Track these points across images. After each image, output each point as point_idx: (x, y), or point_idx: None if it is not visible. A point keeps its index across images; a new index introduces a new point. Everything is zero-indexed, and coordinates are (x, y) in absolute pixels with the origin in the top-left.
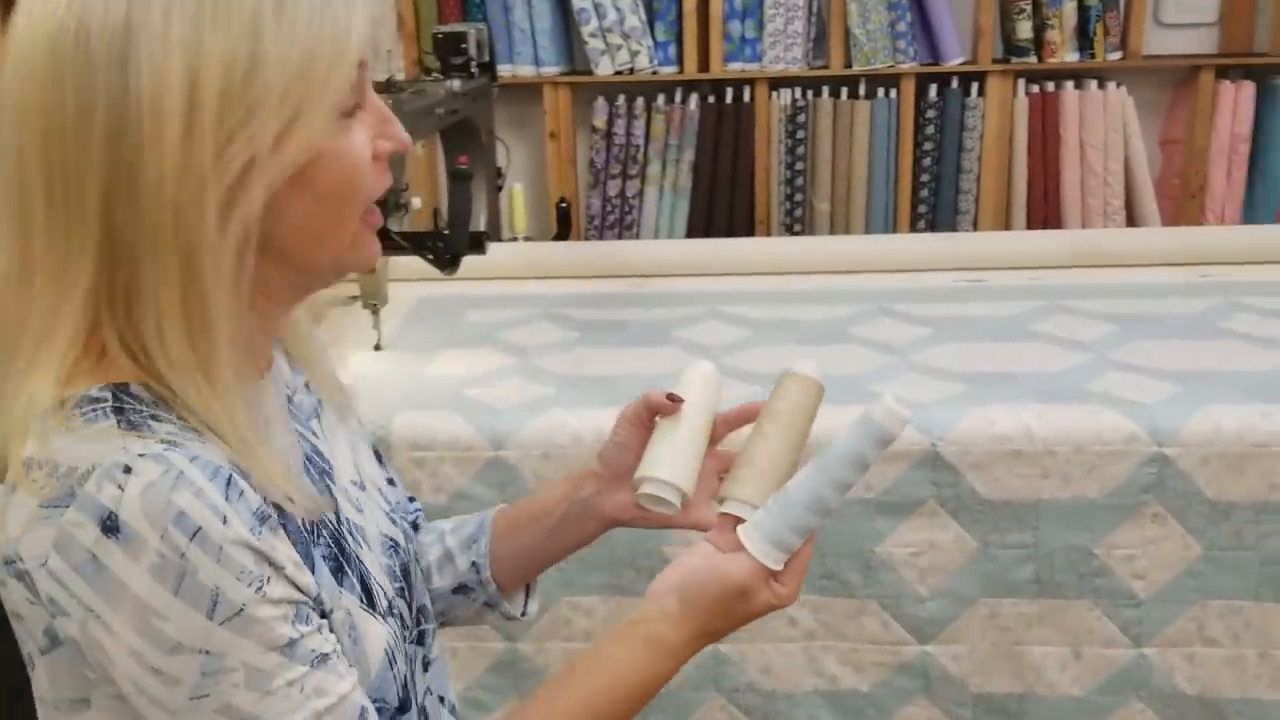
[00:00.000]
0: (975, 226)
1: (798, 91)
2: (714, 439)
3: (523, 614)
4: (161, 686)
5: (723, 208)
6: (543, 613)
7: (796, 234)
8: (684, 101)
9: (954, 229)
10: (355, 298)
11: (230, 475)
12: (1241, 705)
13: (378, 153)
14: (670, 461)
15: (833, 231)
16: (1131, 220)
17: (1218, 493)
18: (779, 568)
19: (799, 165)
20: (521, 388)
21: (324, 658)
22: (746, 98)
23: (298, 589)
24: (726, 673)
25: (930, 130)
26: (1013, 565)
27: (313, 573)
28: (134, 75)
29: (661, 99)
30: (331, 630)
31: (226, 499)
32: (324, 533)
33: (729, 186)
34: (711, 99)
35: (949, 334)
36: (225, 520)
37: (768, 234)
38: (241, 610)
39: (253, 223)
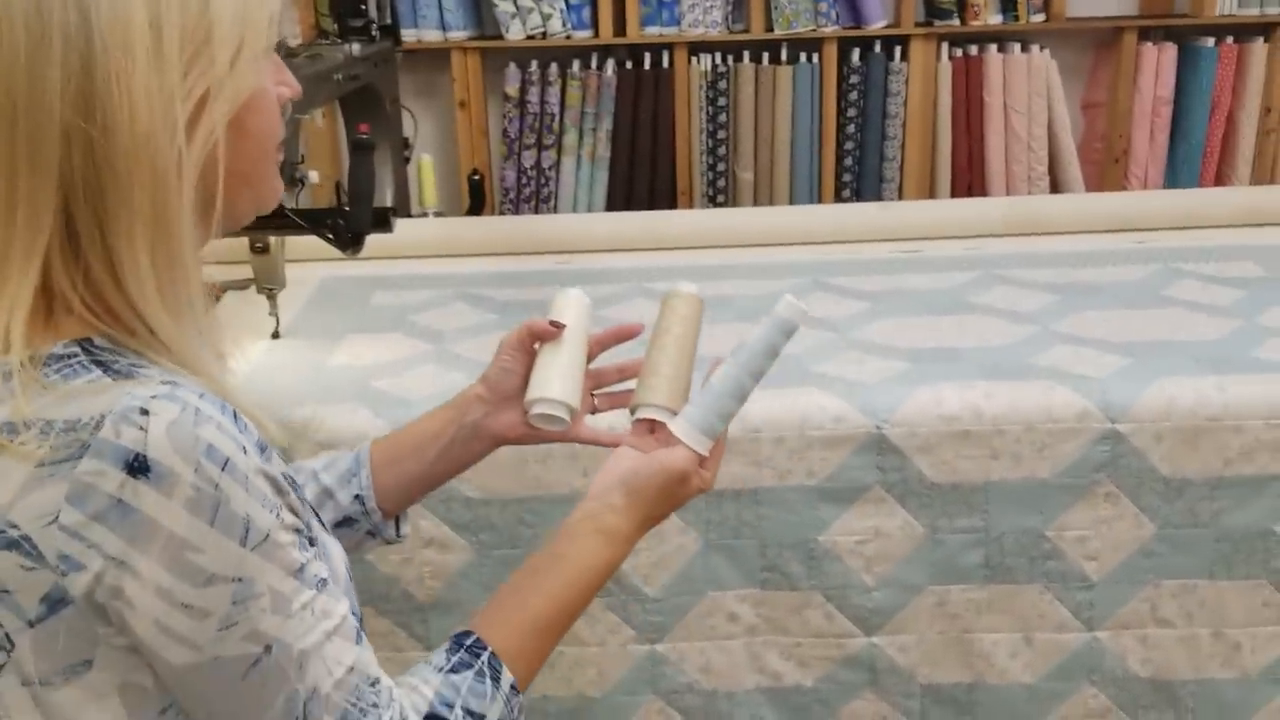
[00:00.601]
0: (900, 194)
1: (718, 57)
2: (587, 359)
3: (399, 536)
4: (190, 621)
5: (643, 178)
6: (466, 619)
7: (720, 204)
8: (600, 67)
9: (879, 197)
10: (250, 281)
11: (233, 409)
12: (1195, 686)
13: (281, 98)
14: (558, 382)
15: (756, 201)
16: (1055, 185)
17: (1172, 469)
18: (707, 453)
19: (721, 133)
20: (435, 376)
21: (324, 581)
22: (665, 63)
23: (296, 515)
24: (664, 674)
25: (854, 96)
26: (962, 551)
27: None
28: (94, 10)
29: (576, 65)
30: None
31: (238, 430)
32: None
33: (649, 156)
34: (629, 64)
35: (888, 308)
36: (245, 450)
37: (690, 205)
38: (268, 536)
39: (211, 155)
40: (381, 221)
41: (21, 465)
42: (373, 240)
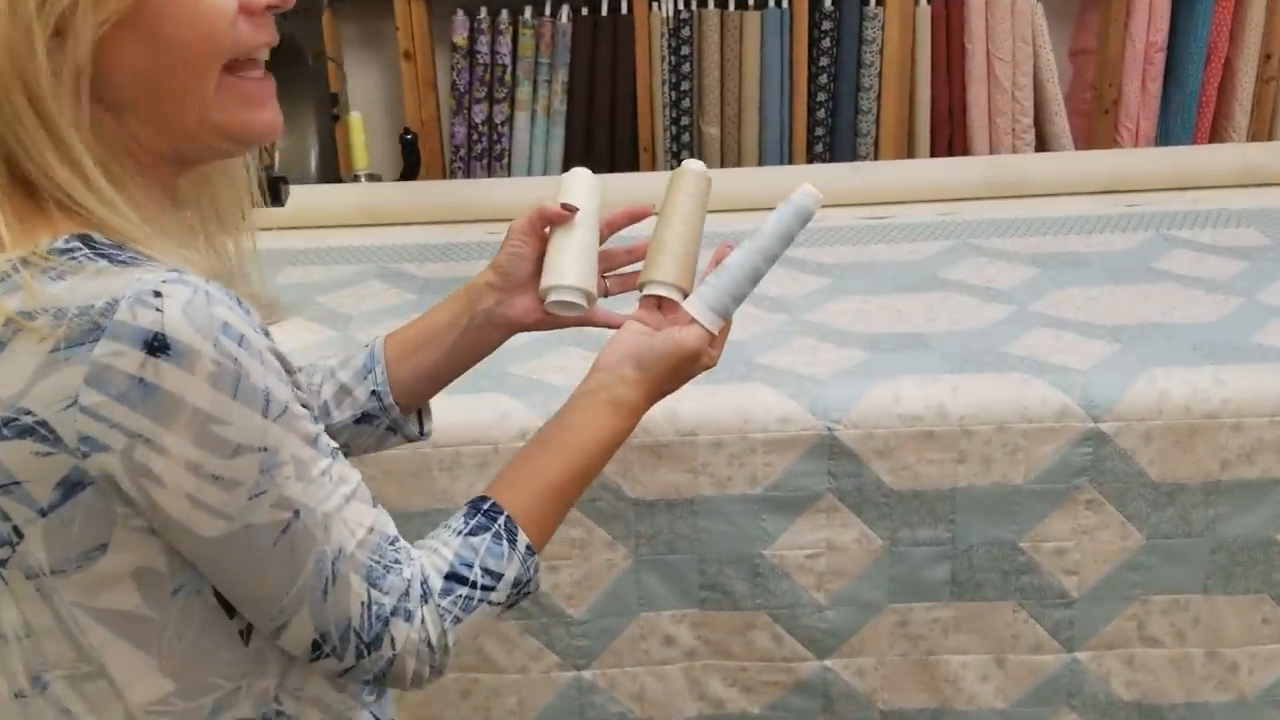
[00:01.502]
0: (876, 149)
1: (680, 1)
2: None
3: (423, 433)
4: (221, 493)
5: (602, 134)
6: None
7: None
8: (554, 14)
9: (854, 152)
10: None
11: (235, 295)
12: (1186, 710)
13: (249, 6)
14: (574, 267)
15: (723, 159)
16: (1041, 139)
17: (1163, 473)
18: (717, 331)
19: (684, 85)
20: None
21: (336, 450)
22: (624, 9)
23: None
24: (592, 703)
25: (826, 44)
26: (925, 565)
27: None
28: None
29: (529, 11)
30: None
31: (245, 312)
32: None
33: (608, 110)
34: (585, 10)
35: (849, 284)
36: (255, 329)
37: (653, 162)
38: (287, 407)
39: (84, 65)
40: (270, 194)
41: (35, 351)
42: (285, 209)
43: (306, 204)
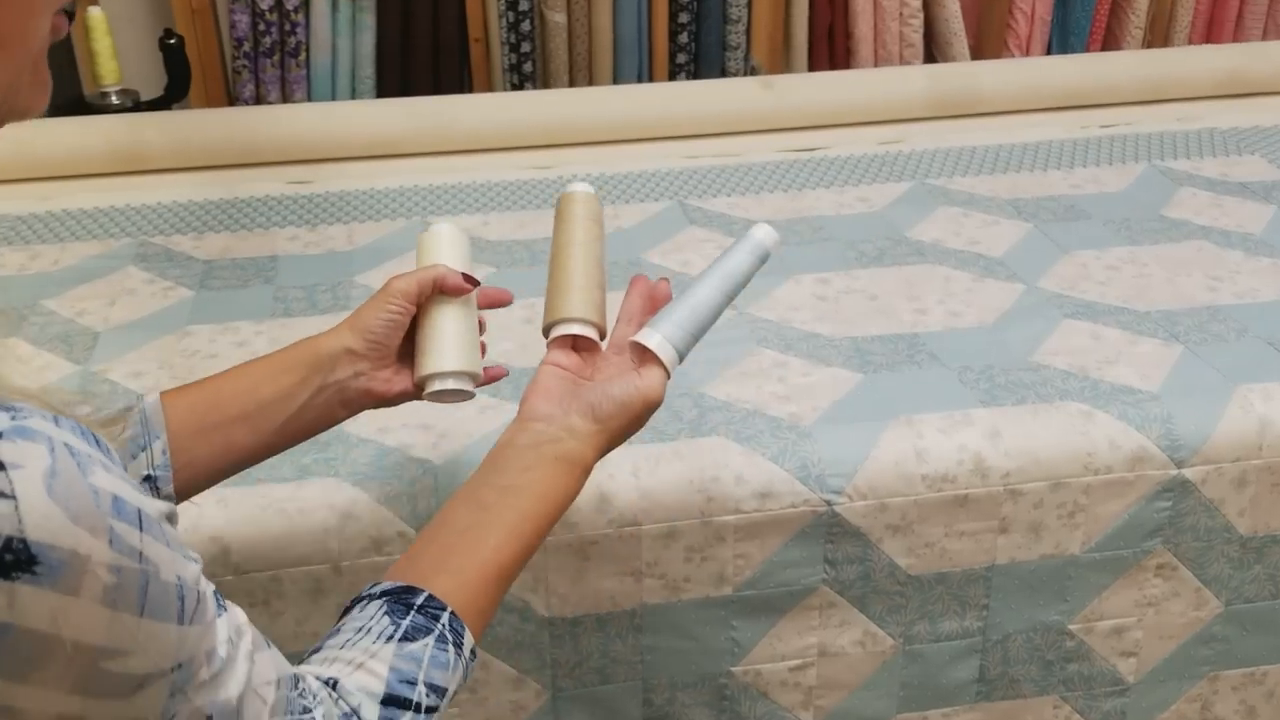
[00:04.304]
0: (749, 33)
1: None
2: None
3: None
4: None
5: (424, 22)
6: None
7: (525, 55)
8: None
9: (722, 40)
10: None
11: (81, 425)
12: None
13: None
14: (457, 348)
15: (572, 50)
16: (929, 24)
17: (1254, 525)
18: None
19: None
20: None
21: (218, 592)
22: None
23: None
24: None
25: None
26: (947, 664)
27: None
28: None
29: None
30: None
31: (112, 457)
32: None
33: None
34: None
35: (796, 254)
36: (133, 485)
37: (485, 55)
38: (200, 594)
39: None
40: None
41: None
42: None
43: (21, 147)
